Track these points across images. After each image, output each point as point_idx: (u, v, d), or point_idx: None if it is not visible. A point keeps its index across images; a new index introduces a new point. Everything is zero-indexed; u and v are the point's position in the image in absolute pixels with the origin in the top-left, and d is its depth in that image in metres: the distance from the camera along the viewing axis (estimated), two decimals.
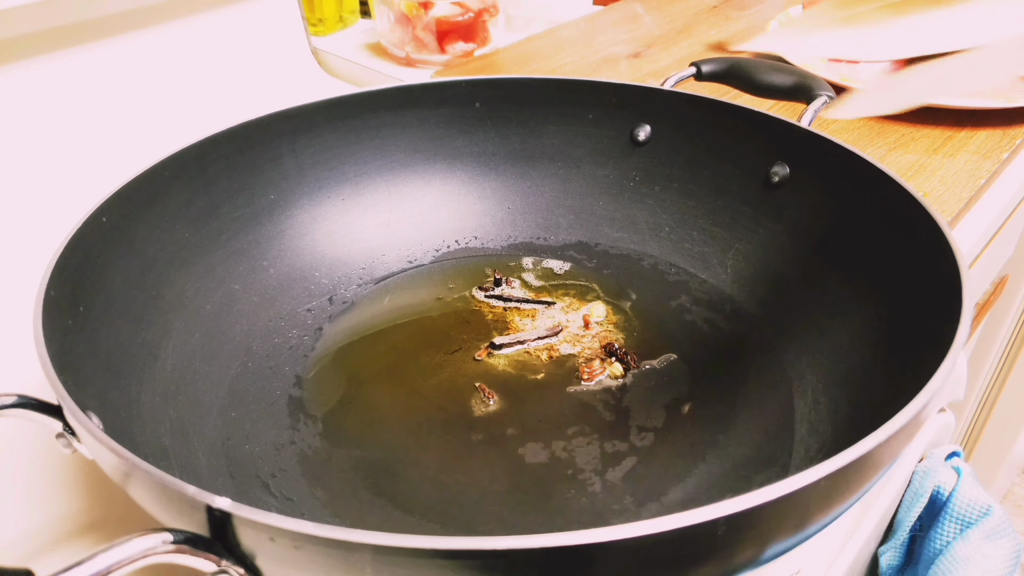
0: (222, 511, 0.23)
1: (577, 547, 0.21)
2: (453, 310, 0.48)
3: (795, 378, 0.41)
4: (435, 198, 0.54)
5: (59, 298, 0.33)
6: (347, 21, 0.88)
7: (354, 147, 0.51)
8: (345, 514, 0.36)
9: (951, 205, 0.55)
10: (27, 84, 0.58)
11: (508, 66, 0.77)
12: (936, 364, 0.28)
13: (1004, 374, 1.01)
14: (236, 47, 0.70)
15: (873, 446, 0.24)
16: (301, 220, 0.50)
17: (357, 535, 0.21)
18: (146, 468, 0.24)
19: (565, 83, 0.52)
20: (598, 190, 0.53)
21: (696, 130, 0.50)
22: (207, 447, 0.38)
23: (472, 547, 0.21)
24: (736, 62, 0.55)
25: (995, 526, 0.51)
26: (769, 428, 0.39)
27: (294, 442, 0.39)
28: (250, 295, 0.46)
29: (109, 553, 0.22)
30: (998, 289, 0.80)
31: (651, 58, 0.79)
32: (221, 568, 0.24)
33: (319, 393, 0.42)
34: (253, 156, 0.48)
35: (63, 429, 0.31)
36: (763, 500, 0.22)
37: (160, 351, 0.40)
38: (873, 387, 0.36)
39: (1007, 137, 0.63)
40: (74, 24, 0.59)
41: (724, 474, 0.37)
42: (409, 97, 0.52)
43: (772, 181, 0.47)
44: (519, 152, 0.54)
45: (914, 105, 0.36)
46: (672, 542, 0.22)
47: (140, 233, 0.41)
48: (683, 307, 0.47)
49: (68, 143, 0.60)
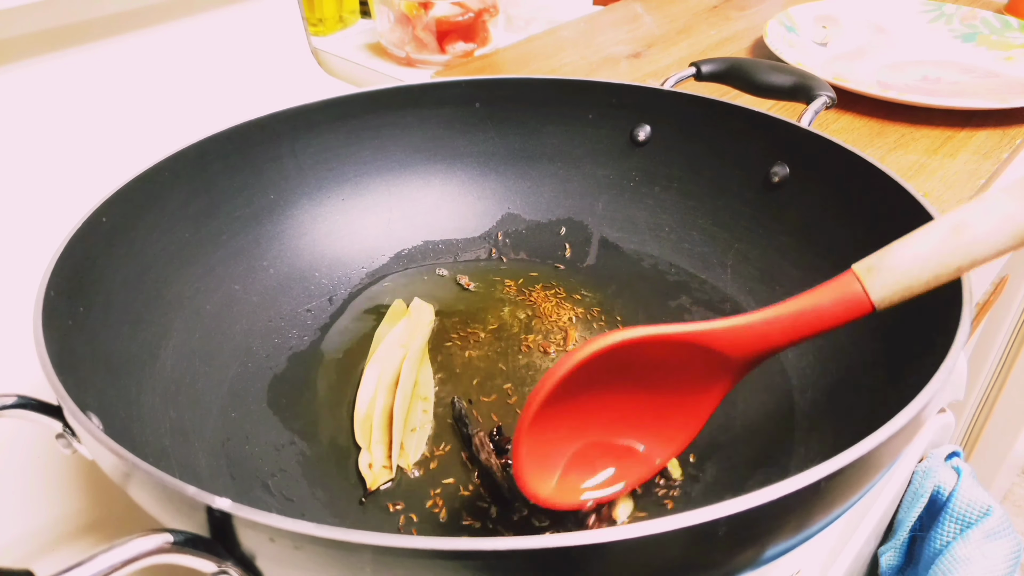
0: (222, 512, 0.23)
1: (577, 548, 0.21)
2: (454, 310, 0.48)
3: (795, 378, 0.41)
4: (435, 198, 0.54)
5: (59, 298, 0.33)
6: (347, 21, 0.88)
7: (354, 147, 0.51)
8: (345, 515, 0.36)
9: (951, 205, 0.55)
10: (27, 84, 0.58)
11: (508, 66, 0.77)
12: (936, 364, 0.28)
13: (1004, 374, 1.01)
14: (236, 47, 0.70)
15: (873, 446, 0.24)
16: (301, 220, 0.50)
17: (357, 536, 0.21)
18: (146, 468, 0.24)
19: (565, 83, 0.52)
20: (598, 190, 0.53)
21: (696, 130, 0.50)
22: (207, 447, 0.38)
23: (472, 548, 0.21)
24: (736, 62, 0.55)
25: (995, 526, 0.51)
26: (769, 428, 0.39)
27: (294, 442, 0.39)
28: (250, 295, 0.46)
29: (109, 554, 0.22)
30: (998, 289, 0.80)
31: (651, 58, 0.79)
32: (221, 568, 0.24)
33: (320, 393, 0.42)
34: (253, 156, 0.48)
35: (63, 429, 0.31)
36: (763, 500, 0.22)
37: (160, 351, 0.40)
38: (873, 387, 0.36)
39: (1007, 137, 0.63)
40: (74, 24, 0.59)
41: (724, 474, 0.37)
42: (409, 97, 0.52)
43: (772, 181, 0.47)
44: (519, 152, 0.54)
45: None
46: (672, 543, 0.22)
47: (140, 233, 0.41)
48: (683, 307, 0.47)
49: (68, 143, 0.60)
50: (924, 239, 0.27)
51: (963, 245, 0.25)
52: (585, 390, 0.29)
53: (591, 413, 0.30)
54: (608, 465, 0.32)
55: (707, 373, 0.30)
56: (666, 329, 0.29)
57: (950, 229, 0.26)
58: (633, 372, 0.29)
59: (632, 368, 0.29)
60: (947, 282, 0.27)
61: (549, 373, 0.29)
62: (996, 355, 0.95)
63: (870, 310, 0.27)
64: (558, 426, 0.30)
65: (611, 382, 0.30)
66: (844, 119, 0.66)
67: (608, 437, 0.32)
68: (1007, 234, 0.25)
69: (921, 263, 0.26)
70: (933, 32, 0.82)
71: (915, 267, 0.26)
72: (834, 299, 0.27)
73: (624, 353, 0.29)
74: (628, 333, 0.29)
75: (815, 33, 0.81)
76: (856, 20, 0.84)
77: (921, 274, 0.26)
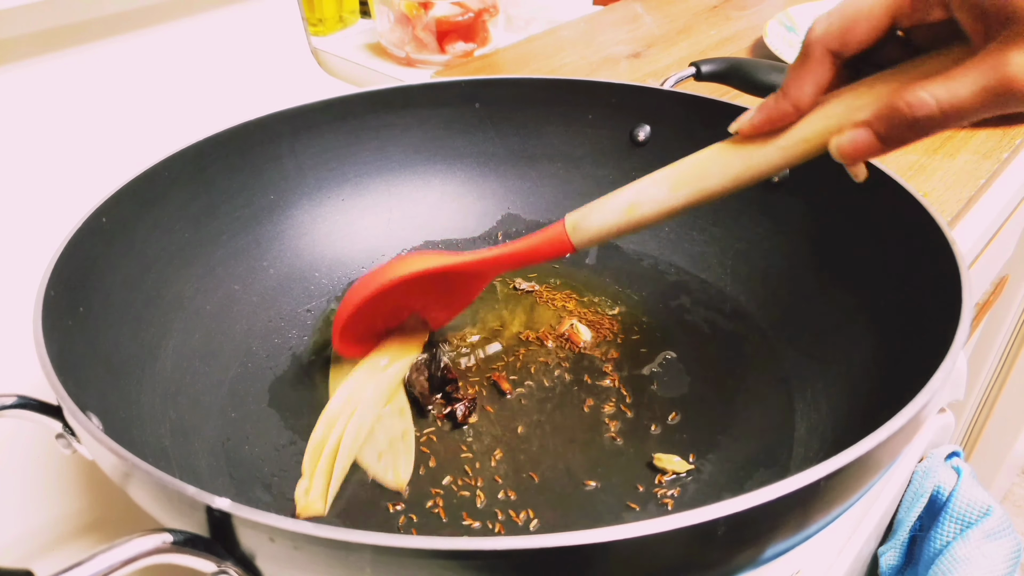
0: (222, 511, 0.23)
1: (577, 547, 0.21)
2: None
3: (795, 378, 0.41)
4: (435, 198, 0.54)
5: (59, 298, 0.33)
6: (347, 21, 0.88)
7: (354, 147, 0.51)
8: (345, 515, 0.36)
9: (951, 205, 0.55)
10: (27, 84, 0.58)
11: (508, 66, 0.77)
12: (936, 364, 0.28)
13: (1004, 374, 1.01)
14: (236, 47, 0.70)
15: (873, 446, 0.24)
16: (301, 220, 0.50)
17: (357, 535, 0.21)
18: (146, 468, 0.24)
19: (565, 83, 0.52)
20: (598, 190, 0.53)
21: (696, 130, 0.50)
22: (207, 447, 0.38)
23: (472, 547, 0.21)
24: (736, 62, 0.55)
25: (995, 526, 0.51)
26: (769, 428, 0.39)
27: (294, 442, 0.39)
28: (250, 295, 0.46)
29: (109, 554, 0.22)
30: (998, 289, 0.80)
31: (651, 58, 0.79)
32: (221, 568, 0.24)
33: (319, 394, 0.42)
34: (253, 156, 0.48)
35: (63, 429, 0.31)
36: (763, 500, 0.22)
37: (160, 352, 0.40)
38: (873, 387, 0.36)
39: (1007, 137, 0.63)
40: (74, 24, 0.59)
41: (724, 474, 0.37)
42: (409, 97, 0.52)
43: (772, 181, 0.47)
44: (519, 152, 0.54)
45: None
46: (672, 542, 0.22)
47: (140, 233, 0.41)
48: (683, 307, 0.47)
49: (68, 143, 0.60)
50: (610, 208, 0.36)
51: (635, 218, 0.36)
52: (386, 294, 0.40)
53: (390, 304, 0.41)
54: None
55: (472, 279, 0.42)
56: (444, 260, 0.40)
57: (626, 206, 0.36)
58: (422, 280, 0.40)
59: (422, 279, 0.40)
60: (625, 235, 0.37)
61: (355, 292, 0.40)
62: (996, 355, 0.95)
63: (572, 250, 0.38)
64: (366, 317, 0.40)
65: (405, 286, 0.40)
66: None
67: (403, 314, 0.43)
68: (660, 213, 0.35)
69: (607, 226, 0.36)
70: None
71: (603, 228, 0.37)
72: (548, 240, 0.38)
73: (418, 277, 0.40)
74: (420, 264, 0.39)
75: None
76: None
77: (607, 233, 0.37)
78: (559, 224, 0.38)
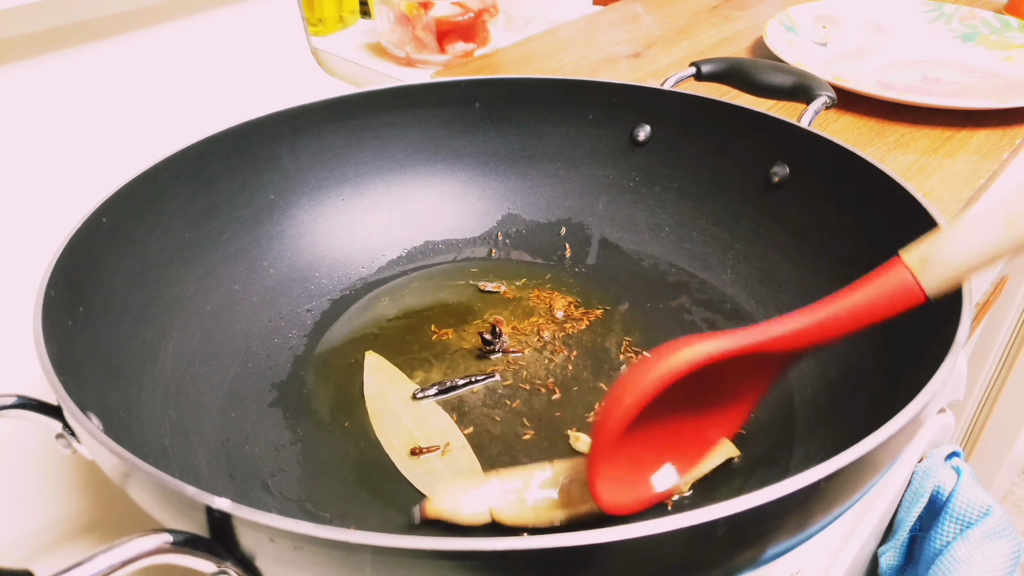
0: (222, 512, 0.23)
1: (577, 548, 0.21)
2: (453, 311, 0.48)
3: (795, 378, 0.41)
4: (435, 198, 0.54)
5: (59, 298, 0.33)
6: (347, 21, 0.88)
7: (354, 147, 0.51)
8: (345, 515, 0.36)
9: (951, 205, 0.55)
10: (27, 84, 0.58)
11: (508, 66, 0.77)
12: (936, 364, 0.28)
13: (1004, 374, 1.01)
14: (236, 47, 0.70)
15: (873, 446, 0.24)
16: (301, 220, 0.50)
17: (357, 536, 0.21)
18: (146, 469, 0.24)
19: (565, 83, 0.52)
20: (598, 190, 0.53)
21: (696, 130, 0.50)
22: (207, 447, 0.38)
23: (472, 548, 0.21)
24: (736, 62, 0.55)
25: (995, 526, 0.51)
26: (769, 428, 0.39)
27: (294, 442, 0.39)
28: (250, 295, 0.46)
29: (109, 554, 0.22)
30: (998, 289, 0.80)
31: (651, 58, 0.79)
32: (221, 569, 0.24)
33: (319, 393, 0.42)
34: (253, 156, 0.48)
35: (63, 429, 0.31)
36: (763, 500, 0.22)
37: (160, 352, 0.40)
38: (873, 387, 0.36)
39: (1007, 137, 0.63)
40: (74, 24, 0.59)
41: (724, 474, 0.37)
42: (409, 97, 0.52)
43: (772, 181, 0.47)
44: (519, 152, 0.54)
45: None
46: (672, 542, 0.22)
47: (140, 233, 0.41)
48: (683, 307, 0.47)
49: (68, 143, 0.60)
50: (979, 229, 0.27)
51: (1018, 235, 0.26)
52: (649, 408, 0.29)
53: (651, 423, 0.30)
54: (665, 460, 0.33)
55: (760, 368, 0.30)
56: (730, 342, 0.29)
57: (1004, 219, 0.26)
58: (691, 380, 0.29)
59: (691, 378, 0.29)
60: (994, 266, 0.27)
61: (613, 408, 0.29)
62: (996, 355, 0.95)
63: (923, 301, 0.27)
64: (626, 446, 0.30)
65: (671, 394, 0.29)
66: (844, 119, 0.66)
67: (664, 438, 0.32)
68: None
69: (976, 254, 0.26)
70: (933, 32, 0.82)
71: (970, 258, 0.27)
72: (887, 292, 0.28)
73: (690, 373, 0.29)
74: (694, 352, 0.28)
75: (815, 33, 0.81)
76: (856, 20, 0.84)
77: (974, 263, 0.27)
78: (894, 264, 0.28)
